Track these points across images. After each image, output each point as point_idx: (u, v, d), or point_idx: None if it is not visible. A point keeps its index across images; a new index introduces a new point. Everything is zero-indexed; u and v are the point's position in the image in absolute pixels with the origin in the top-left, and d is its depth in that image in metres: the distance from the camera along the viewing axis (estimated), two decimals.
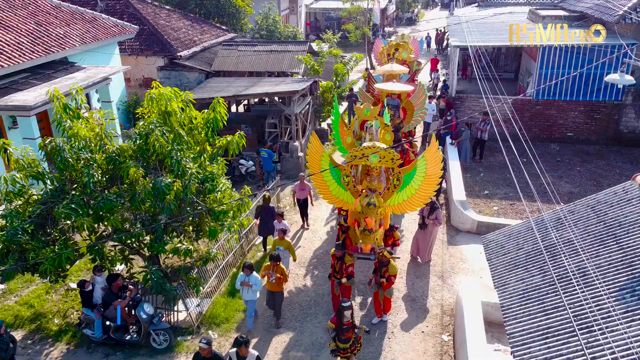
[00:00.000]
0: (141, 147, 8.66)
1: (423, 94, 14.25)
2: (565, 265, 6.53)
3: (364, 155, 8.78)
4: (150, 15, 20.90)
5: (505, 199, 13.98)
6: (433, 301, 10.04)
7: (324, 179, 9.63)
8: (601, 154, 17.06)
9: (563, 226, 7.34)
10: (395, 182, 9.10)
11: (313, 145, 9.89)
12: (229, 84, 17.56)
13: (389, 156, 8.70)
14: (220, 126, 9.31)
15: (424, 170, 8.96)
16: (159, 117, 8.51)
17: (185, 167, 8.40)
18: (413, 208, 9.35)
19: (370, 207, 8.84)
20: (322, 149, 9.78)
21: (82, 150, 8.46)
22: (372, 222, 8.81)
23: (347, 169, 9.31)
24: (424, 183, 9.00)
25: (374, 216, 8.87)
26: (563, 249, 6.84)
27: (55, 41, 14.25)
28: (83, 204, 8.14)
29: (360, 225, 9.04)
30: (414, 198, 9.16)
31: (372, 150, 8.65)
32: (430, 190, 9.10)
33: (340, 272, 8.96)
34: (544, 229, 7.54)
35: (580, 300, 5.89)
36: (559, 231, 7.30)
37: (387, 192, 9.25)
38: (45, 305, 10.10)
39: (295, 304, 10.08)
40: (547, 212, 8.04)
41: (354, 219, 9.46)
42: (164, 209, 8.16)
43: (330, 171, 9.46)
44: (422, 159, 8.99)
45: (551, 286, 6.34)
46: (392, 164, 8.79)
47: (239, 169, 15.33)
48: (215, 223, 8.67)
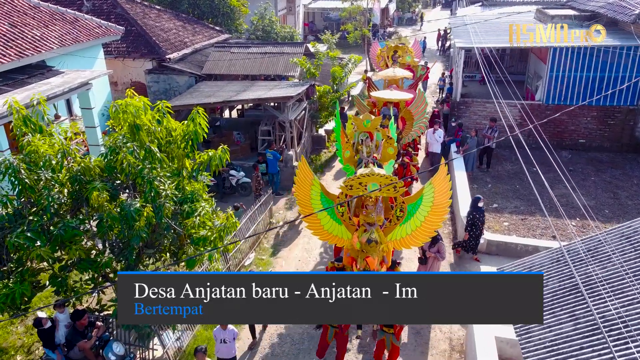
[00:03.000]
0: (109, 164, 7.64)
1: (423, 101, 13.19)
2: (593, 311, 5.49)
3: (361, 184, 7.43)
4: (138, 15, 19.87)
5: (516, 213, 12.95)
6: (440, 334, 9.00)
7: (313, 209, 8.21)
8: (616, 162, 16.03)
9: (594, 259, 6.31)
10: (398, 214, 7.77)
11: (301, 171, 8.24)
12: (220, 88, 16.54)
13: (389, 183, 7.35)
14: (200, 139, 8.27)
15: (431, 199, 7.60)
16: (128, 131, 7.47)
17: (159, 188, 7.37)
18: (417, 242, 7.90)
19: (371, 245, 7.51)
20: (312, 177, 8.18)
21: (42, 169, 7.43)
22: (375, 262, 7.49)
23: (341, 197, 7.94)
24: (430, 214, 7.61)
25: (377, 255, 7.58)
26: (598, 289, 5.80)
27: (31, 43, 13.23)
28: (42, 231, 7.12)
29: (359, 265, 7.71)
30: (419, 231, 7.74)
31: (371, 179, 7.33)
32: (437, 222, 7.68)
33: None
34: (571, 262, 6.51)
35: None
36: (589, 266, 6.26)
37: (389, 224, 7.88)
38: (8, 338, 9.09)
39: (287, 337, 9.05)
40: (571, 243, 7.00)
41: (350, 256, 8.09)
42: (133, 237, 7.14)
43: (320, 200, 8.20)
44: (430, 187, 7.61)
45: (586, 338, 5.30)
46: (394, 192, 7.48)
47: (229, 181, 14.28)
48: (194, 252, 7.62)
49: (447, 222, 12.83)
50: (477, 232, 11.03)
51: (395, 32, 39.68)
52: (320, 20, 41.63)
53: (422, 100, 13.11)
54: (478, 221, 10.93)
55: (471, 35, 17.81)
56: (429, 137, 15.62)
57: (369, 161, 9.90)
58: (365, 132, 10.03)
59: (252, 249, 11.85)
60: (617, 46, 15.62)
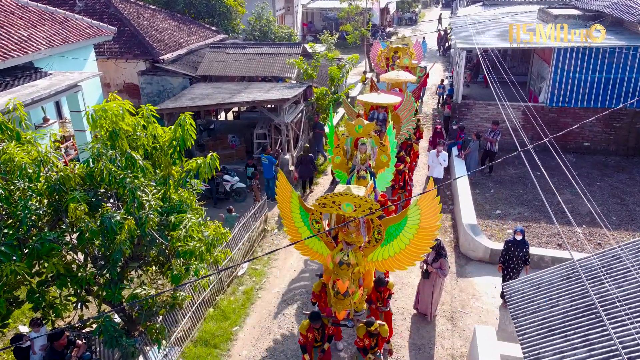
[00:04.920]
0: (91, 172, 7.19)
1: (411, 104, 12.76)
2: (612, 336, 5.03)
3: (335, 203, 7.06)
4: (132, 15, 19.41)
5: (520, 220, 12.48)
6: (442, 350, 8.54)
7: (295, 224, 7.91)
8: (622, 166, 15.57)
9: (609, 276, 5.85)
10: (376, 236, 7.25)
11: (281, 184, 8.03)
12: (214, 90, 16.08)
13: (365, 205, 6.90)
14: (188, 145, 7.82)
15: (417, 221, 6.99)
16: (107, 137, 7.00)
17: (142, 199, 6.92)
18: (402, 266, 7.31)
19: (342, 267, 7.01)
20: (290, 189, 7.91)
21: (19, 179, 6.98)
22: (344, 285, 7.01)
23: (316, 213, 7.52)
24: (416, 237, 7.05)
25: (347, 277, 7.05)
26: (614, 310, 5.35)
27: (17, 44, 12.77)
28: (17, 244, 6.67)
29: (335, 287, 7.23)
30: (404, 254, 7.19)
31: (345, 199, 6.88)
32: (424, 246, 7.11)
33: (321, 340, 7.45)
34: (582, 280, 6.05)
35: None
36: (604, 284, 5.80)
37: (367, 245, 7.37)
38: None
39: (280, 353, 8.59)
40: (583, 258, 6.54)
41: (327, 276, 7.67)
42: (115, 251, 6.68)
43: (300, 215, 7.75)
44: (415, 209, 7.00)
45: None
46: (369, 214, 6.98)
47: (223, 186, 13.81)
48: (180, 267, 7.16)
49: (448, 229, 12.38)
50: (510, 272, 9.22)
51: (394, 32, 39.21)
52: (319, 20, 41.18)
53: (410, 103, 12.69)
54: (512, 256, 9.22)
55: (473, 36, 17.36)
56: (432, 159, 13.54)
57: (363, 169, 9.47)
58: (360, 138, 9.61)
59: (245, 258, 11.39)
60: (622, 47, 15.17)
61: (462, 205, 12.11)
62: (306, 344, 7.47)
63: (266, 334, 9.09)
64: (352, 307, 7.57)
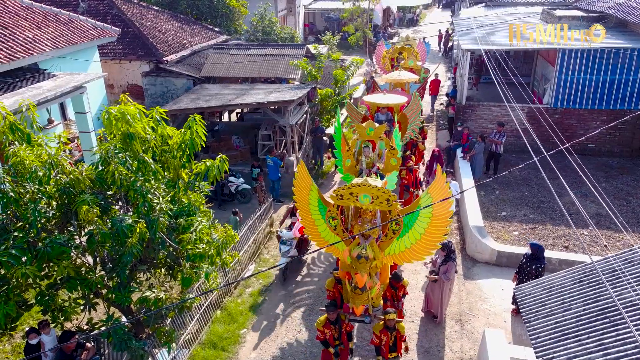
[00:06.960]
0: (100, 175, 7.17)
1: (418, 104, 12.72)
2: (637, 336, 5.02)
3: (352, 194, 7.10)
4: (135, 16, 19.39)
5: (526, 222, 12.47)
6: (450, 353, 8.53)
7: (312, 217, 7.94)
8: (626, 168, 15.57)
9: (622, 280, 5.84)
10: (394, 227, 7.27)
11: (300, 176, 8.09)
12: (218, 91, 16.06)
13: (383, 196, 6.93)
14: (197, 148, 7.80)
15: (430, 209, 7.05)
16: (121, 140, 6.99)
17: (153, 202, 6.90)
18: (419, 257, 7.35)
19: (360, 261, 7.00)
20: (310, 182, 7.94)
21: (29, 181, 6.96)
22: (363, 279, 7.02)
23: (332, 209, 7.57)
24: (430, 226, 7.08)
25: (366, 271, 7.05)
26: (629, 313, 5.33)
27: (22, 46, 12.75)
28: (27, 247, 6.65)
29: (352, 282, 7.26)
30: (420, 245, 7.22)
31: (363, 190, 6.93)
32: (439, 235, 7.15)
33: (339, 339, 7.44)
34: (595, 283, 6.05)
35: None
36: (617, 288, 5.80)
37: (385, 238, 7.40)
38: None
39: (288, 356, 8.57)
40: (598, 261, 6.53)
41: (344, 271, 7.69)
42: (125, 254, 6.67)
43: (318, 208, 7.77)
44: (427, 197, 7.08)
45: None
46: (387, 206, 7.05)
47: (228, 187, 13.80)
48: (190, 270, 7.15)
49: (454, 231, 12.36)
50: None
51: (396, 33, 39.19)
52: (321, 21, 41.16)
53: (417, 103, 12.67)
54: (524, 270, 8.99)
55: (477, 37, 17.35)
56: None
57: (370, 172, 9.46)
58: (368, 140, 9.59)
59: (252, 260, 11.38)
60: (627, 48, 15.16)
61: (468, 207, 12.10)
62: (326, 339, 7.46)
63: (274, 337, 9.07)
64: (370, 302, 7.61)
